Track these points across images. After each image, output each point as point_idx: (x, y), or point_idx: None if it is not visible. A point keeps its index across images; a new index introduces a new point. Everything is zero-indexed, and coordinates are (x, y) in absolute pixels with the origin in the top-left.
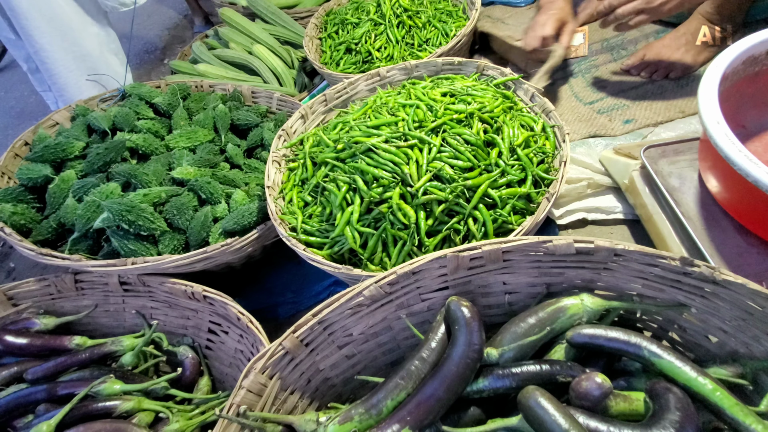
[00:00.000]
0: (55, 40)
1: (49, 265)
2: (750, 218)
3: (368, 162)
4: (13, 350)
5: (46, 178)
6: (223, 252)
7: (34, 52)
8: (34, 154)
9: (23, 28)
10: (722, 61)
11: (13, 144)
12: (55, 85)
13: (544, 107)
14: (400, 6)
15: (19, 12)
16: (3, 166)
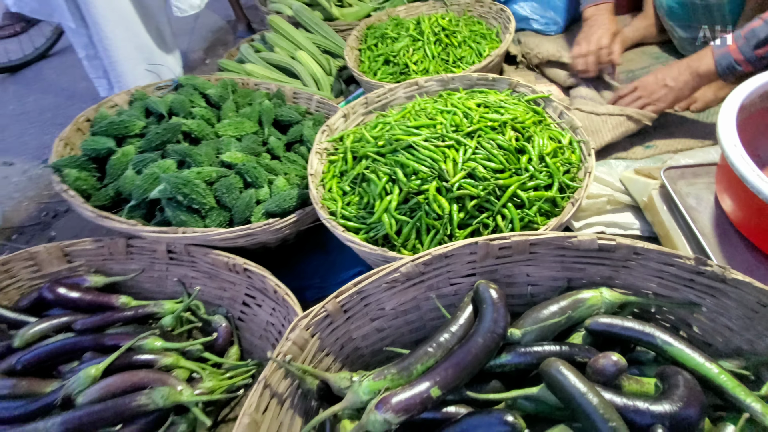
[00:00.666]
0: (119, 30)
1: (93, 231)
2: (760, 237)
3: (408, 157)
4: (64, 302)
5: (108, 151)
6: (264, 230)
7: (99, 40)
8: (99, 128)
9: (92, 16)
10: (740, 92)
11: (76, 119)
12: (114, 71)
13: (571, 124)
14: (438, 25)
15: (91, 2)
16: (67, 137)
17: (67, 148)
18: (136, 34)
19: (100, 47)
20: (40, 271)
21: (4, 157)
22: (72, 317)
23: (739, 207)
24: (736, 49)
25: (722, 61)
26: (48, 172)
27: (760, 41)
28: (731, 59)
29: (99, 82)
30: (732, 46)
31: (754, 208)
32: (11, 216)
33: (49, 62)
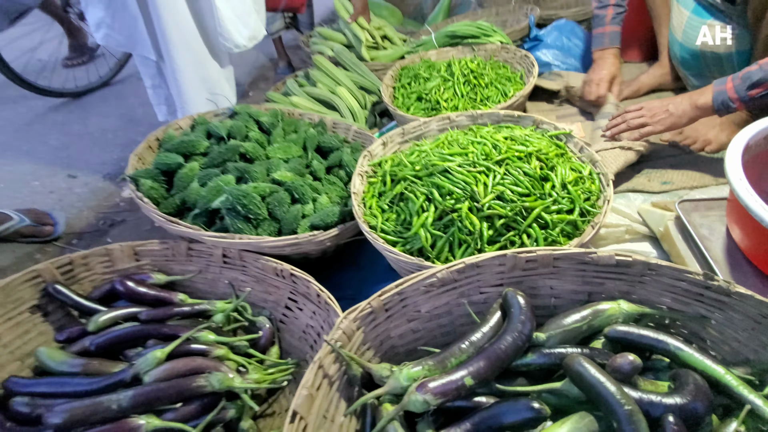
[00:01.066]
0: (189, 63)
1: (145, 239)
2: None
3: (443, 180)
4: (132, 294)
5: (177, 165)
6: (309, 241)
7: (171, 71)
8: (171, 146)
9: (169, 51)
10: (746, 133)
11: (147, 138)
12: (180, 99)
13: (591, 158)
14: (467, 68)
15: (169, 40)
16: (140, 153)
17: (140, 162)
18: (204, 67)
19: (171, 78)
20: (112, 267)
21: (68, 171)
22: (138, 309)
23: (746, 236)
24: (732, 88)
25: (718, 97)
26: (107, 185)
27: (752, 83)
28: (726, 96)
29: (159, 108)
30: (729, 85)
31: (760, 236)
32: (73, 223)
33: (111, 89)
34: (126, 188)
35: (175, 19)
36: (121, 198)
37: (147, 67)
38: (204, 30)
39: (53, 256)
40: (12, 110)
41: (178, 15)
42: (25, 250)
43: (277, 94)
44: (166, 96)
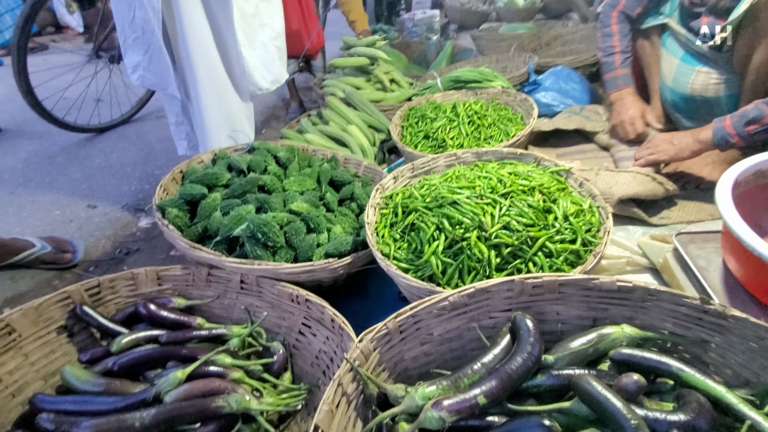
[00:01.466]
0: (214, 103)
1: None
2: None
3: (452, 211)
4: (153, 318)
5: (201, 195)
6: (324, 268)
7: (198, 110)
8: (196, 178)
9: (197, 91)
10: (735, 170)
11: (172, 171)
12: (204, 135)
13: (590, 192)
14: (471, 109)
15: (198, 82)
16: (166, 185)
17: (165, 192)
18: (227, 106)
19: (196, 116)
20: (135, 290)
21: (88, 201)
22: (158, 332)
23: (741, 266)
24: (730, 125)
25: (718, 132)
26: (124, 215)
27: (749, 120)
28: (725, 132)
29: (179, 143)
30: (727, 122)
31: (754, 266)
32: (90, 251)
33: (132, 126)
34: (143, 218)
35: (205, 64)
36: (138, 228)
37: (172, 106)
38: (231, 73)
39: (71, 282)
40: (38, 144)
41: (209, 61)
42: (45, 276)
43: (292, 131)
44: (188, 132)
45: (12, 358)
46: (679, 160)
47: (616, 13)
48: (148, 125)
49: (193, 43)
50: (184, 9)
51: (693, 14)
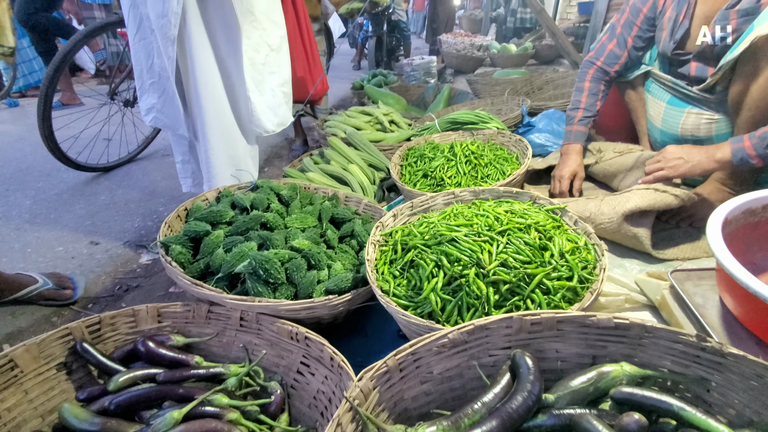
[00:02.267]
0: (221, 143)
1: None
2: (757, 327)
3: (451, 248)
4: (151, 356)
5: (205, 232)
6: (324, 305)
7: (205, 150)
8: (200, 215)
9: (205, 132)
10: (724, 208)
11: (177, 209)
12: (209, 173)
13: (585, 230)
14: (468, 149)
15: (206, 124)
16: (170, 222)
17: (169, 229)
18: (233, 147)
19: (203, 155)
20: (135, 327)
21: (91, 238)
22: (156, 370)
23: (737, 303)
24: (750, 146)
25: (738, 153)
26: (126, 252)
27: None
28: (745, 153)
29: (184, 181)
30: (747, 143)
31: (749, 302)
32: (90, 288)
33: (137, 165)
34: (144, 255)
35: (214, 108)
36: (138, 264)
37: (180, 145)
38: (238, 116)
39: (69, 319)
40: (45, 182)
41: (218, 104)
42: (43, 312)
43: (295, 170)
44: (193, 170)
45: (12, 394)
46: (691, 176)
47: (592, 71)
48: (153, 164)
49: (203, 88)
50: (197, 57)
51: (679, 62)
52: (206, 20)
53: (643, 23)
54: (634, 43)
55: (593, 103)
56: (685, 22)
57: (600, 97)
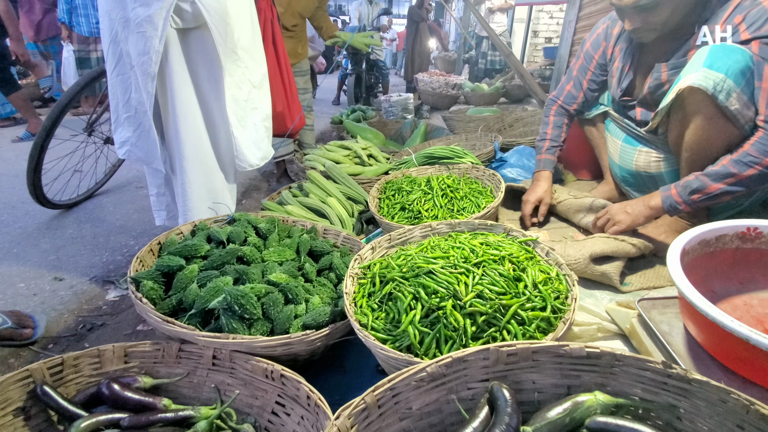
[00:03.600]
0: (199, 177)
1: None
2: (720, 354)
3: (428, 280)
4: (116, 400)
5: (180, 267)
6: (302, 340)
7: (181, 183)
8: (175, 249)
9: (182, 166)
10: (681, 240)
11: (150, 243)
12: (185, 206)
13: (556, 261)
14: (445, 183)
15: (185, 157)
16: (142, 256)
17: (141, 264)
18: (211, 180)
19: (179, 189)
20: (100, 369)
21: (56, 273)
22: (120, 415)
23: (700, 330)
24: (676, 194)
25: (667, 200)
26: (92, 288)
27: (692, 190)
28: (673, 200)
29: (158, 214)
30: (673, 191)
31: (710, 329)
32: (51, 327)
33: (108, 196)
34: (111, 291)
35: (193, 142)
36: (105, 301)
37: (155, 178)
38: (218, 151)
39: (28, 361)
40: (9, 214)
41: (197, 139)
42: (1, 353)
43: (273, 203)
44: (168, 203)
45: None
46: (637, 226)
47: (555, 107)
48: (125, 196)
49: (182, 122)
50: (178, 93)
51: (627, 107)
52: (188, 58)
53: (596, 68)
54: (588, 86)
55: (558, 135)
56: (630, 72)
57: (564, 130)
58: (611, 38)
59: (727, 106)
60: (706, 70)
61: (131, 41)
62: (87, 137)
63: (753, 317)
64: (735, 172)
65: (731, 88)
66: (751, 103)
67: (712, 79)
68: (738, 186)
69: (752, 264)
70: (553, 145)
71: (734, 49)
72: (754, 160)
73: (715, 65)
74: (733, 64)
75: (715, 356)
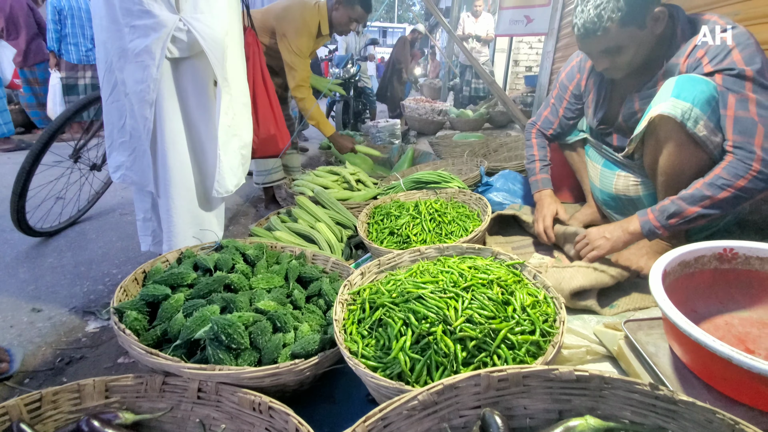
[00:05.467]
0: (185, 203)
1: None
2: (705, 374)
3: (418, 305)
4: None
5: (165, 296)
6: (290, 370)
7: (167, 209)
8: (161, 278)
9: (169, 191)
10: (662, 261)
11: (135, 271)
12: (170, 233)
13: (543, 284)
14: (432, 207)
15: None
16: (126, 286)
17: (125, 294)
18: (196, 206)
19: (165, 214)
20: (80, 405)
21: (34, 304)
22: None
23: (684, 351)
24: (654, 218)
25: (645, 225)
26: (71, 319)
27: (669, 215)
28: (651, 225)
29: (144, 239)
30: (651, 216)
31: (694, 349)
32: (28, 361)
33: (91, 223)
34: (92, 322)
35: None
36: (84, 333)
37: (142, 203)
38: (204, 176)
39: (2, 396)
40: None
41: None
42: None
43: (261, 228)
44: (154, 229)
45: None
46: (616, 251)
47: (534, 130)
48: (109, 223)
49: (171, 149)
50: (167, 120)
51: (605, 133)
52: (179, 86)
53: (570, 98)
54: (564, 114)
55: (545, 154)
56: (605, 104)
57: (548, 151)
58: (584, 71)
59: (695, 132)
60: (674, 99)
61: (128, 70)
62: (73, 164)
63: (735, 336)
64: (710, 195)
65: (698, 116)
66: (718, 130)
67: (680, 107)
68: (713, 209)
69: (731, 284)
70: (544, 164)
71: (699, 80)
72: (726, 183)
73: (682, 95)
74: (699, 93)
75: (700, 376)
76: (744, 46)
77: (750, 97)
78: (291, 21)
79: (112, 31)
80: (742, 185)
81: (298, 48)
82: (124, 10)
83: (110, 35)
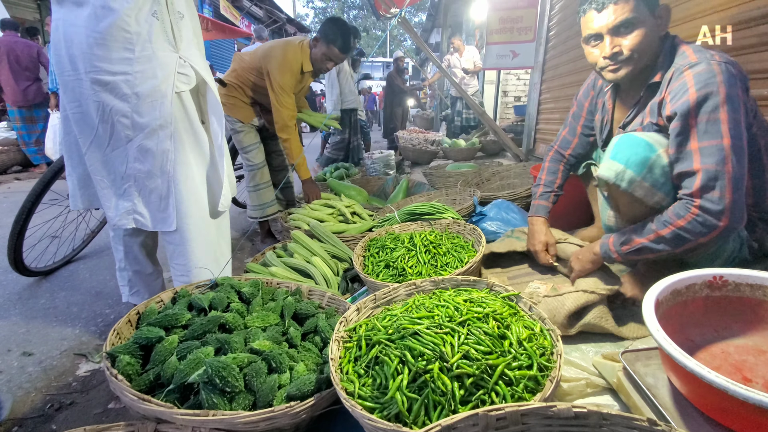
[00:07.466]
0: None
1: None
2: (704, 405)
3: (414, 342)
4: None
5: (159, 338)
6: (285, 414)
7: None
8: (155, 320)
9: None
10: (654, 290)
11: (129, 312)
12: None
13: (540, 315)
14: (427, 239)
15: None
16: (119, 328)
17: (117, 337)
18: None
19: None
20: None
21: (24, 347)
22: None
23: (682, 382)
24: (612, 242)
25: (603, 248)
26: (62, 362)
27: (622, 241)
28: (607, 248)
29: (122, 289)
30: (610, 240)
31: (691, 380)
32: (17, 407)
33: (84, 263)
34: (83, 365)
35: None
36: (75, 377)
37: (116, 252)
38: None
39: None
40: None
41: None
42: None
43: (257, 264)
44: (129, 278)
45: None
46: (587, 272)
47: (552, 153)
48: (102, 262)
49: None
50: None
51: None
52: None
53: (587, 114)
54: (582, 131)
55: (552, 181)
56: (608, 125)
57: (559, 176)
58: (597, 89)
59: (631, 192)
60: (609, 160)
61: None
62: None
63: (731, 365)
64: (654, 229)
65: (632, 178)
66: (656, 188)
67: (614, 169)
68: (658, 243)
69: (724, 311)
70: (546, 191)
71: (638, 141)
72: (668, 221)
73: (617, 156)
74: (632, 155)
75: (699, 408)
76: (702, 85)
77: (693, 148)
78: (273, 58)
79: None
80: (681, 225)
81: (280, 85)
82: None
83: (109, 89)
